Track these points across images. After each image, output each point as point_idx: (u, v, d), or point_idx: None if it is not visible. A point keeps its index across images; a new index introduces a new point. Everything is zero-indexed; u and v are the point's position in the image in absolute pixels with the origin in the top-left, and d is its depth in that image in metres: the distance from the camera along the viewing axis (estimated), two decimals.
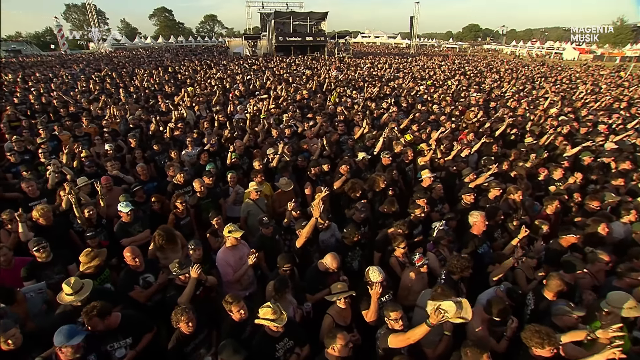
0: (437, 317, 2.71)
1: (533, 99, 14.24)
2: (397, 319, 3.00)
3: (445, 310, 2.72)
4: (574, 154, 7.49)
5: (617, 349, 2.47)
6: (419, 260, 3.82)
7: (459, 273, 3.72)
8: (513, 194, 5.45)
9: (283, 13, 35.53)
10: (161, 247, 4.07)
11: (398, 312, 3.01)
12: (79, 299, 3.13)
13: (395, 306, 3.08)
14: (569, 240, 4.50)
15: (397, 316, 3.00)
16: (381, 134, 7.52)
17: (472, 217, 4.59)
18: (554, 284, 3.44)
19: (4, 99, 11.66)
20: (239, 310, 3.10)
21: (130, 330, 3.18)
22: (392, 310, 3.02)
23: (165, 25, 63.21)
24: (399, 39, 74.74)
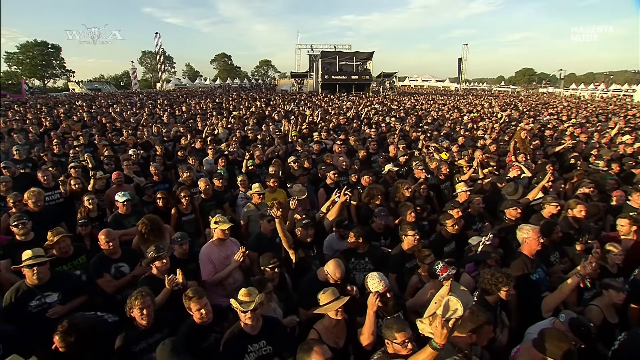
0: (442, 330, 1.88)
1: (599, 130, 12.57)
2: (404, 341, 2.15)
3: (453, 310, 1.90)
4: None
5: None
6: (444, 270, 2.92)
7: (496, 292, 2.76)
8: (573, 209, 4.34)
9: (330, 53, 37.17)
10: (145, 238, 3.64)
11: (405, 333, 2.16)
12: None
13: (403, 325, 2.22)
14: None
15: (404, 338, 2.15)
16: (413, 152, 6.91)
17: (522, 232, 3.56)
18: None
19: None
20: (199, 310, 2.46)
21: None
22: (398, 331, 2.17)
23: (224, 69, 69.41)
24: (447, 82, 74.24)
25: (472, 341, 2.27)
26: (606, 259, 3.71)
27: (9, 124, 10.26)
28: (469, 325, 2.25)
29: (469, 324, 2.25)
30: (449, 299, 2.00)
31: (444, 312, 1.95)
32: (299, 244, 3.60)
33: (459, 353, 2.25)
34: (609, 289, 3.14)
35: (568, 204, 4.46)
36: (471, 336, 2.26)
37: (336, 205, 4.03)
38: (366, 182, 5.39)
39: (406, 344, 2.14)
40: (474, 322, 2.25)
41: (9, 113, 13.28)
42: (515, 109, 19.58)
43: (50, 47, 51.80)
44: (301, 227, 3.57)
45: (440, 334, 1.89)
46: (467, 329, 2.26)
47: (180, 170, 5.56)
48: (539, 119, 16.08)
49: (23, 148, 6.82)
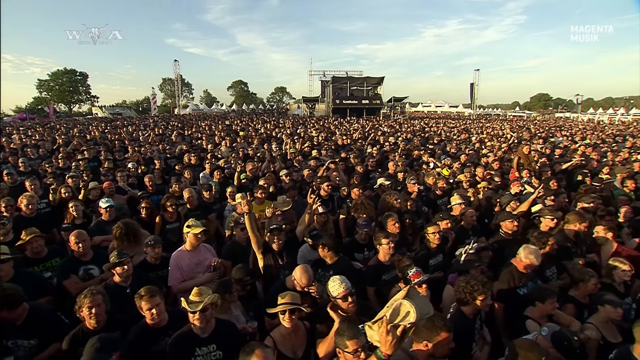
0: (388, 336, 1.65)
1: (614, 149, 12.12)
2: (356, 350, 1.91)
3: (403, 316, 1.67)
4: None
5: None
6: (416, 275, 2.71)
7: (472, 302, 2.54)
8: (576, 223, 4.05)
9: (341, 78, 38.03)
10: (120, 242, 3.59)
11: (358, 341, 1.92)
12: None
13: (355, 332, 1.97)
14: None
15: (356, 346, 1.91)
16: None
17: (521, 252, 3.30)
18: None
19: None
20: (150, 309, 2.35)
21: (37, 330, 2.58)
22: (350, 338, 1.94)
23: (240, 95, 71.74)
24: (460, 107, 74.15)
25: (428, 350, 2.05)
26: (612, 276, 3.43)
27: (24, 140, 10.74)
28: (424, 332, 2.04)
29: (424, 331, 2.04)
30: (401, 303, 1.75)
31: (393, 316, 1.71)
32: (268, 250, 3.48)
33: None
34: (605, 304, 2.86)
35: (569, 218, 4.20)
36: (427, 345, 2.04)
37: (305, 214, 3.92)
38: (356, 195, 5.28)
39: (358, 354, 1.92)
40: (429, 328, 2.03)
41: (29, 132, 14.01)
42: (527, 131, 19.22)
43: (78, 75, 55.21)
44: (269, 232, 3.45)
45: (386, 341, 1.66)
46: (422, 338, 2.05)
47: (172, 181, 5.60)
48: (551, 140, 15.71)
49: (29, 161, 7.08)
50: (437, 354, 2.05)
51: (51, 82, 53.18)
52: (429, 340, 2.04)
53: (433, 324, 2.03)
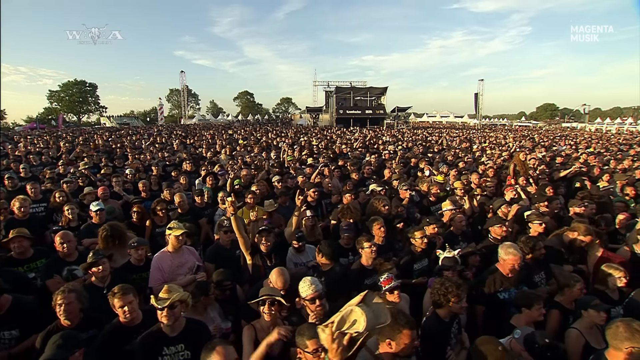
0: (333, 344, 1.56)
1: (618, 158, 11.97)
2: (316, 350, 1.89)
3: (350, 323, 1.58)
4: None
5: None
6: (387, 281, 2.69)
7: (446, 304, 2.50)
8: (578, 233, 3.94)
9: (344, 88, 38.36)
10: (104, 244, 3.62)
11: (317, 341, 1.86)
12: None
13: (314, 332, 1.90)
14: None
15: (316, 346, 1.88)
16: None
17: (502, 250, 3.28)
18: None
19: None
20: (122, 307, 2.37)
21: (19, 321, 2.62)
22: (310, 337, 1.92)
23: (246, 106, 72.58)
24: (465, 118, 73.99)
25: (392, 350, 2.02)
26: (606, 283, 3.35)
27: (29, 148, 10.99)
28: (386, 330, 2.01)
29: (387, 330, 2.00)
30: (352, 310, 1.62)
31: (340, 324, 1.60)
32: (256, 251, 3.49)
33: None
34: (589, 309, 2.80)
35: (575, 226, 4.06)
36: (390, 343, 2.01)
37: (293, 217, 3.93)
38: (347, 200, 5.28)
39: (318, 353, 1.89)
40: (391, 326, 1.99)
41: (35, 140, 14.34)
42: (531, 140, 19.11)
43: (87, 86, 56.55)
44: (257, 234, 3.47)
45: (331, 348, 1.57)
46: (385, 336, 2.03)
47: (163, 186, 5.68)
48: (554, 148, 15.60)
49: (30, 167, 7.24)
50: (401, 353, 2.02)
51: (62, 92, 54.53)
52: (392, 338, 2.02)
53: (396, 322, 2.01)
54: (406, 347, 2.00)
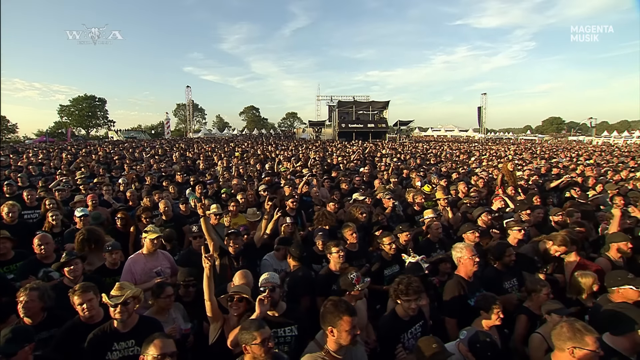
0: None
1: (617, 169, 11.87)
2: (265, 340, 1.97)
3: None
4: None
5: None
6: (358, 280, 2.71)
7: (407, 307, 2.53)
8: (553, 242, 3.87)
9: (346, 103, 38.82)
10: (80, 247, 3.72)
11: (264, 331, 1.99)
12: None
13: (259, 324, 2.06)
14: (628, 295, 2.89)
15: (265, 336, 1.98)
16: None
17: (456, 251, 3.33)
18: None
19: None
20: (80, 304, 2.43)
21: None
22: (257, 329, 1.99)
23: (252, 120, 73.73)
24: (470, 132, 73.95)
25: (334, 338, 2.06)
26: (579, 290, 3.33)
27: (31, 159, 11.31)
28: (328, 317, 2.07)
29: (328, 317, 2.07)
30: None
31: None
32: (225, 252, 3.56)
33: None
34: (551, 313, 2.79)
35: (553, 235, 4.05)
36: (331, 330, 2.06)
37: (263, 221, 4.01)
38: (331, 208, 5.35)
39: (267, 343, 1.97)
40: (332, 312, 2.06)
41: (39, 152, 14.75)
42: (531, 152, 19.04)
43: (97, 101, 58.00)
44: (226, 236, 3.56)
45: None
46: (327, 323, 2.07)
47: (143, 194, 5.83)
48: (553, 160, 15.52)
49: (30, 177, 7.48)
50: (342, 340, 2.06)
51: (72, 107, 55.94)
52: (333, 325, 2.06)
53: (336, 308, 2.07)
54: (347, 334, 2.04)
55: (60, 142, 30.94)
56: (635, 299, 2.80)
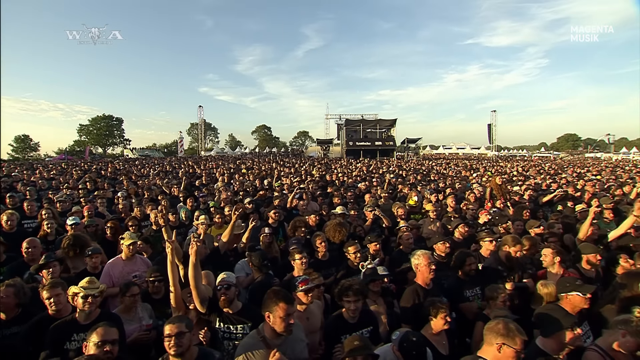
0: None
1: (622, 184, 11.65)
2: (169, 335, 2.14)
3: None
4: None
5: None
6: (303, 283, 2.83)
7: (348, 308, 2.65)
8: (509, 246, 4.03)
9: (354, 121, 39.32)
10: (66, 251, 3.97)
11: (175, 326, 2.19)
12: None
13: (179, 319, 2.26)
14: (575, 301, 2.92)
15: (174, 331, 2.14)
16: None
17: (414, 258, 3.42)
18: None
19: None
20: (48, 299, 2.65)
21: None
22: (168, 323, 2.21)
23: (264, 139, 75.29)
24: (483, 149, 73.23)
25: (270, 324, 2.24)
26: (541, 300, 3.37)
27: (43, 174, 11.97)
28: (267, 302, 2.29)
29: (267, 302, 2.28)
30: None
31: None
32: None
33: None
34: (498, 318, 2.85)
35: (504, 240, 4.17)
36: (268, 315, 2.25)
37: (228, 228, 4.21)
38: (312, 221, 5.51)
39: (181, 336, 2.13)
40: (271, 298, 2.27)
41: (53, 168, 15.56)
42: (537, 168, 18.78)
43: (114, 120, 60.61)
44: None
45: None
46: (265, 308, 2.29)
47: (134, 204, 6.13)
48: (562, 175, 15.30)
49: (38, 191, 7.96)
50: (275, 325, 2.21)
51: (90, 126, 58.55)
52: (270, 311, 2.24)
53: (275, 295, 2.26)
54: (281, 320, 2.20)
55: (78, 159, 32.30)
56: (582, 305, 2.84)
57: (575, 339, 2.26)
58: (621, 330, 2.28)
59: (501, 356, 2.09)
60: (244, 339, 2.31)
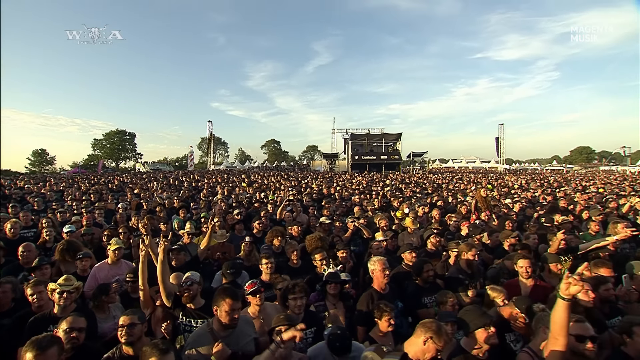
0: None
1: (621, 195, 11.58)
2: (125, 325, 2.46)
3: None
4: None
5: None
6: (250, 286, 3.04)
7: (294, 305, 2.90)
8: (465, 252, 4.24)
9: (359, 135, 39.73)
10: (60, 256, 4.32)
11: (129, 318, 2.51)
12: None
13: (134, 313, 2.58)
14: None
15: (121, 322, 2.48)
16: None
17: (370, 263, 3.66)
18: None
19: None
20: (32, 295, 2.98)
21: None
22: (124, 316, 2.51)
23: (273, 153, 76.33)
24: (492, 162, 72.51)
25: (217, 316, 2.53)
26: (490, 304, 3.52)
27: (52, 186, 12.60)
28: (216, 297, 2.56)
29: (216, 297, 2.56)
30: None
31: None
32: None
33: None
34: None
35: (460, 248, 4.37)
36: (216, 310, 2.54)
37: (206, 236, 4.49)
38: (295, 232, 5.78)
39: (132, 327, 2.44)
40: (220, 294, 2.55)
41: (63, 181, 16.30)
42: (542, 184, 18.64)
43: (127, 135, 62.72)
44: (170, 251, 4.06)
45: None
46: (214, 304, 2.57)
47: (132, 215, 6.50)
48: (563, 189, 15.22)
49: (43, 201, 8.47)
50: (221, 318, 2.49)
51: (104, 141, 60.68)
52: (217, 305, 2.51)
53: (223, 291, 2.54)
54: (226, 314, 2.47)
55: (90, 173, 33.46)
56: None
57: (490, 337, 2.45)
58: (540, 327, 2.47)
59: (424, 349, 2.29)
60: (196, 330, 2.57)
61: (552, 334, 2.15)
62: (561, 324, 2.09)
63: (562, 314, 2.08)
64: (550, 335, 2.17)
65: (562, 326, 2.10)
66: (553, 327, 2.14)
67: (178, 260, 4.09)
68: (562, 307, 2.07)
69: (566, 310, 2.06)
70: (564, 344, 2.11)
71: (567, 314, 2.08)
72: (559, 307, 2.09)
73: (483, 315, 2.55)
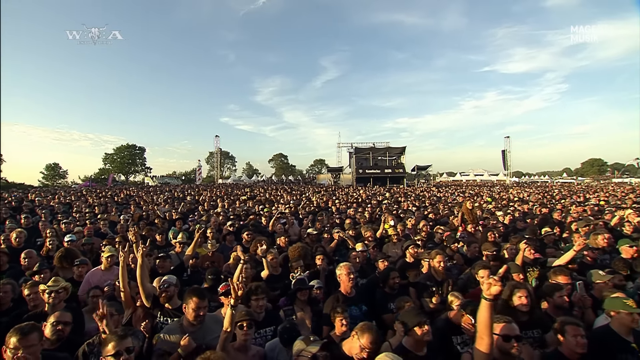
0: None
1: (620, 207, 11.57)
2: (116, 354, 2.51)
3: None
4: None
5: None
6: (223, 287, 3.35)
7: (256, 305, 3.18)
8: (432, 259, 4.45)
9: (363, 149, 40.10)
10: (58, 262, 4.68)
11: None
12: None
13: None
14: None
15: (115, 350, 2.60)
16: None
17: (338, 269, 3.92)
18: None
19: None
20: (28, 295, 3.32)
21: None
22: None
23: (280, 167, 77.20)
24: (501, 175, 71.91)
25: (186, 313, 2.84)
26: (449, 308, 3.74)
27: (61, 199, 13.16)
28: (185, 295, 2.90)
29: (185, 295, 2.88)
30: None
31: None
32: (156, 274, 4.37)
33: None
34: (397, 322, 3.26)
35: (431, 254, 4.59)
36: (184, 307, 2.88)
37: (192, 245, 4.81)
38: (282, 242, 6.07)
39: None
40: (188, 293, 2.89)
41: (72, 194, 16.97)
42: (546, 195, 18.59)
43: (137, 149, 64.53)
44: (157, 258, 4.39)
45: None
46: (185, 300, 2.89)
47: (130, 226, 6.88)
48: (563, 201, 15.20)
49: (50, 213, 8.97)
50: (188, 315, 2.80)
51: (115, 155, 62.55)
52: (186, 303, 2.83)
53: (192, 291, 2.87)
54: (192, 311, 2.79)
55: (100, 186, 34.45)
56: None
57: (424, 334, 2.68)
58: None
59: (352, 343, 2.64)
60: (167, 325, 2.87)
61: (478, 334, 2.28)
62: (485, 323, 2.23)
63: (486, 313, 2.22)
64: (477, 335, 2.31)
65: (487, 325, 2.23)
66: (478, 326, 2.27)
67: (163, 267, 4.42)
68: (485, 307, 2.22)
69: (489, 309, 2.20)
70: (488, 343, 2.23)
71: (490, 314, 2.21)
72: (482, 307, 2.23)
73: (418, 315, 2.79)
